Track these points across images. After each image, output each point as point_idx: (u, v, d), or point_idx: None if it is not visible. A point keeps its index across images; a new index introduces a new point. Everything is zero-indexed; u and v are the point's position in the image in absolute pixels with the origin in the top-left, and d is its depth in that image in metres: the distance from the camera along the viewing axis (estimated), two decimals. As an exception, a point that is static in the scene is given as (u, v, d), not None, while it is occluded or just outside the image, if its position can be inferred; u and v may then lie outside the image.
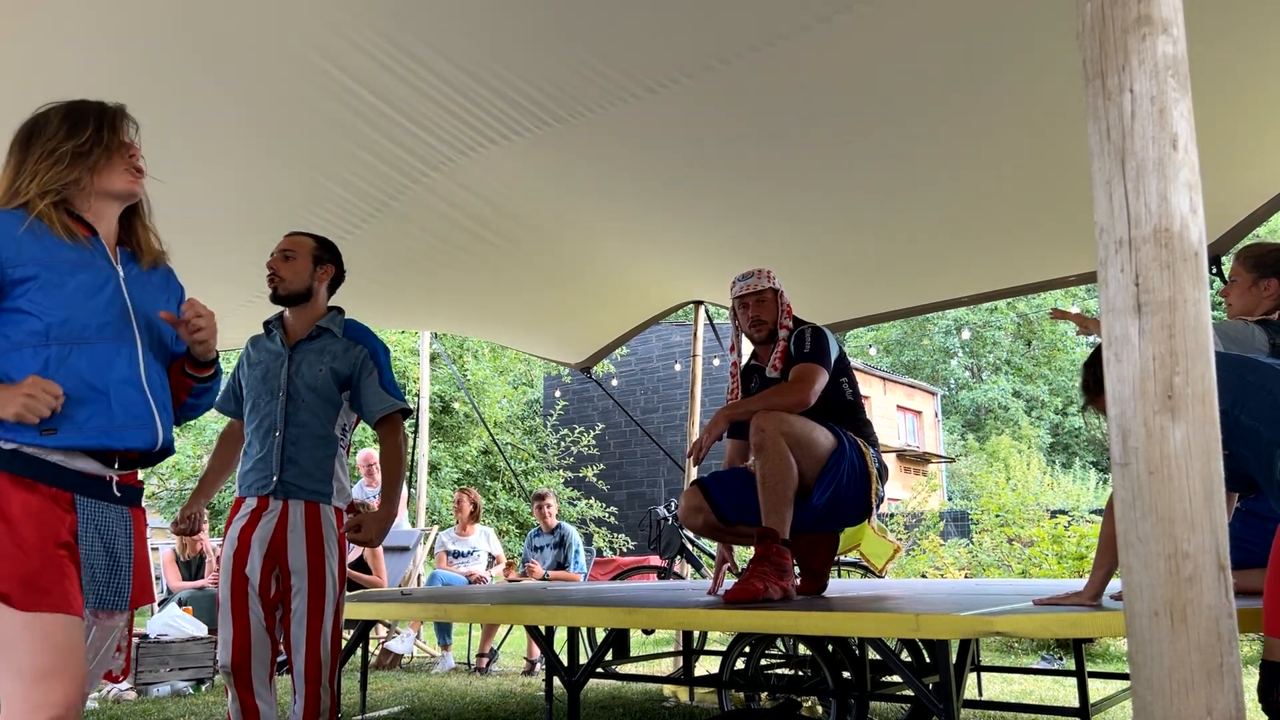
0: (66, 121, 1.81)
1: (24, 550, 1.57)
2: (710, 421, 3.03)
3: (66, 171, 1.77)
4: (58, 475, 1.66)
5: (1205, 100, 1.70)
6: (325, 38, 2.89)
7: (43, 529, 1.61)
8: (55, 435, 1.64)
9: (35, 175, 1.75)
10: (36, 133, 1.81)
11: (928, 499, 17.71)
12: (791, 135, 3.56)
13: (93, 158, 1.80)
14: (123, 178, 1.84)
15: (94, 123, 1.83)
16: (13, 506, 1.59)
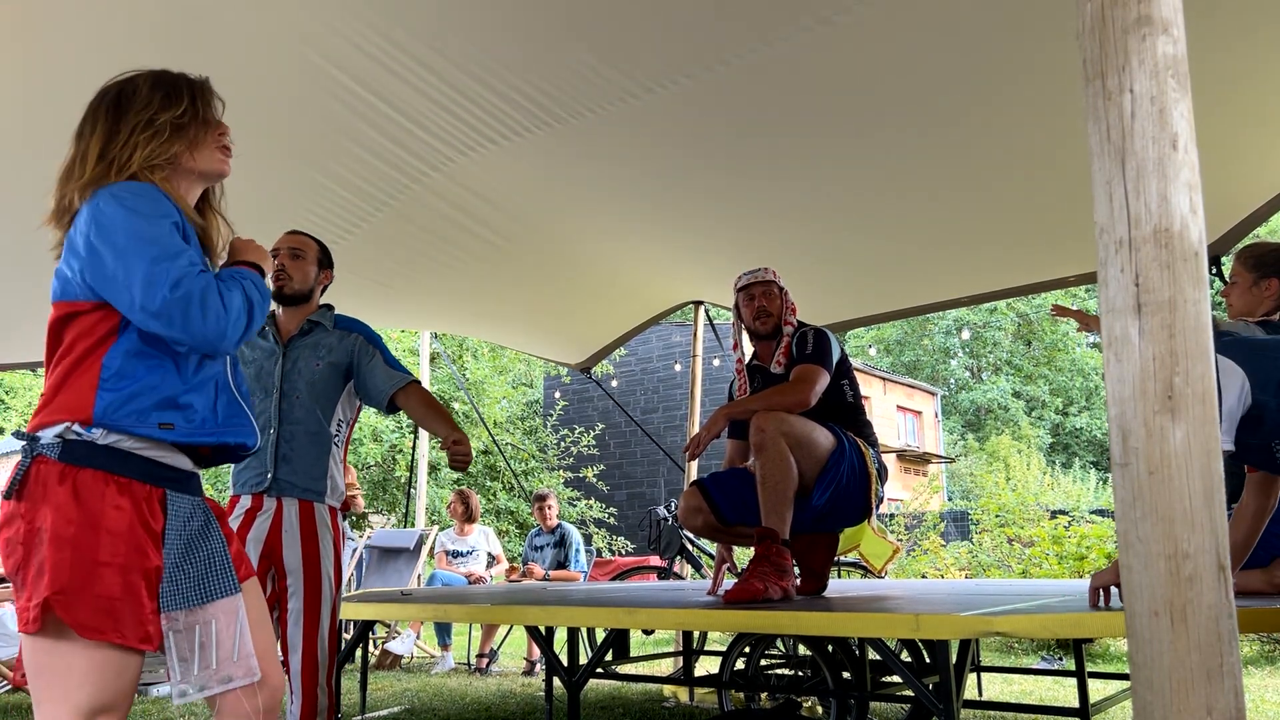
0: (158, 90, 1.65)
1: (110, 572, 1.45)
2: (709, 419, 3.03)
3: (167, 145, 1.62)
4: (154, 472, 1.54)
5: (1205, 100, 1.70)
6: (325, 37, 2.90)
7: (131, 549, 1.48)
8: (173, 430, 1.54)
9: (135, 147, 1.60)
10: (126, 100, 1.65)
11: (929, 500, 17.71)
12: (792, 135, 3.56)
13: (190, 132, 1.65)
14: (215, 156, 1.69)
15: (188, 94, 1.67)
16: (107, 516, 1.47)
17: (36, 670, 1.46)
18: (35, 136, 3.27)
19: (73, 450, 1.47)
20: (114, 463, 1.49)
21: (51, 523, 1.44)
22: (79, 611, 1.42)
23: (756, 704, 3.93)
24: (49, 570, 1.43)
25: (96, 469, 1.48)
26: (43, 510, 1.46)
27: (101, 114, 1.65)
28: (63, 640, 1.44)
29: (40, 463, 1.48)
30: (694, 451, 3.05)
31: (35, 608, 1.42)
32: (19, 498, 1.48)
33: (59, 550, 1.43)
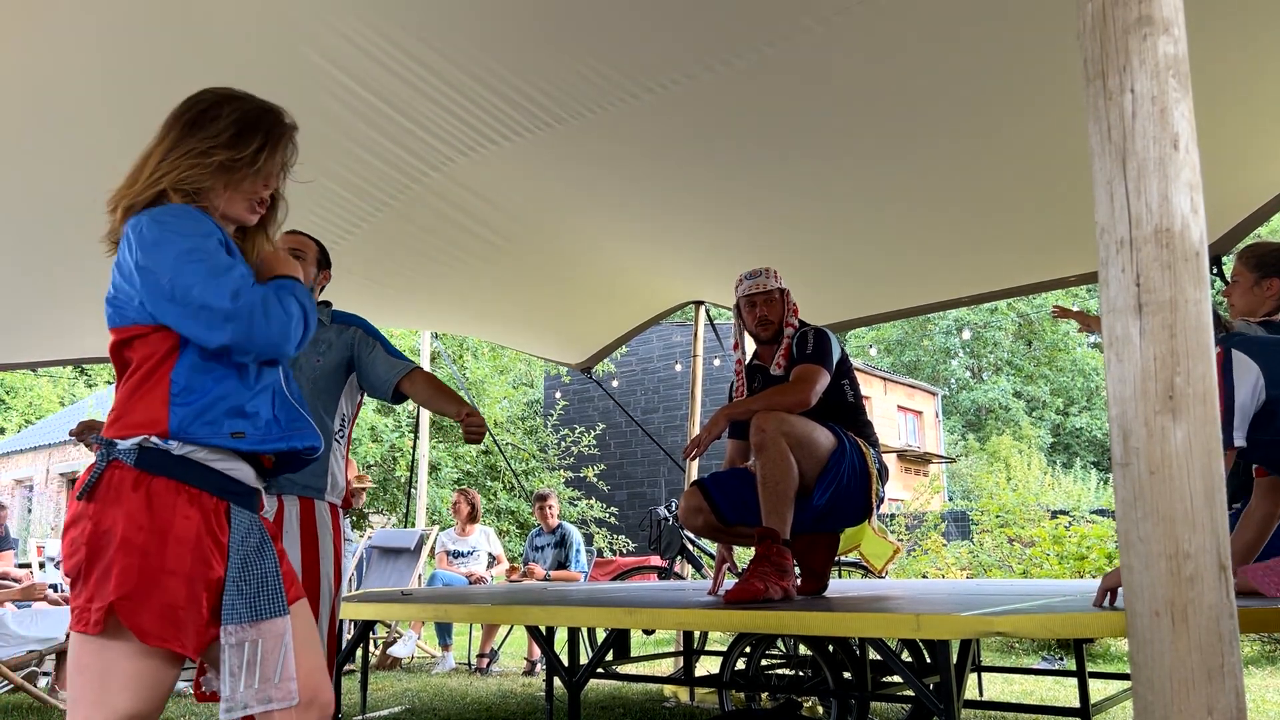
0: (236, 127, 1.67)
1: (175, 581, 1.46)
2: (710, 420, 3.03)
3: (206, 178, 1.64)
4: (222, 484, 1.56)
5: (1206, 100, 1.70)
6: (325, 37, 2.90)
7: (197, 560, 1.49)
8: (244, 439, 1.56)
9: (176, 169, 1.62)
10: (202, 123, 1.66)
11: (929, 500, 17.71)
12: (791, 135, 3.56)
13: (236, 175, 1.66)
14: (244, 205, 1.69)
15: (260, 142, 1.68)
16: (176, 524, 1.49)
17: (80, 669, 1.48)
18: (34, 138, 3.27)
19: (148, 458, 1.50)
20: (187, 473, 1.52)
21: (122, 527, 1.46)
22: (142, 618, 1.44)
23: (757, 704, 3.93)
24: (116, 574, 1.44)
25: (170, 478, 1.51)
26: (113, 513, 1.47)
27: (175, 126, 1.68)
28: (115, 643, 1.45)
29: (115, 467, 1.50)
30: (694, 452, 3.05)
31: (99, 610, 1.44)
32: (89, 499, 1.50)
33: (128, 555, 1.45)
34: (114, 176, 3.76)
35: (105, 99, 3.08)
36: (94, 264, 4.45)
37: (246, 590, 1.55)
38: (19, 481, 22.64)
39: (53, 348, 5.28)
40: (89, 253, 4.22)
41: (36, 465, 22.16)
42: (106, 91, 3.04)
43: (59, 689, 4.95)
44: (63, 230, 3.96)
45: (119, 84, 3.00)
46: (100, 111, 3.14)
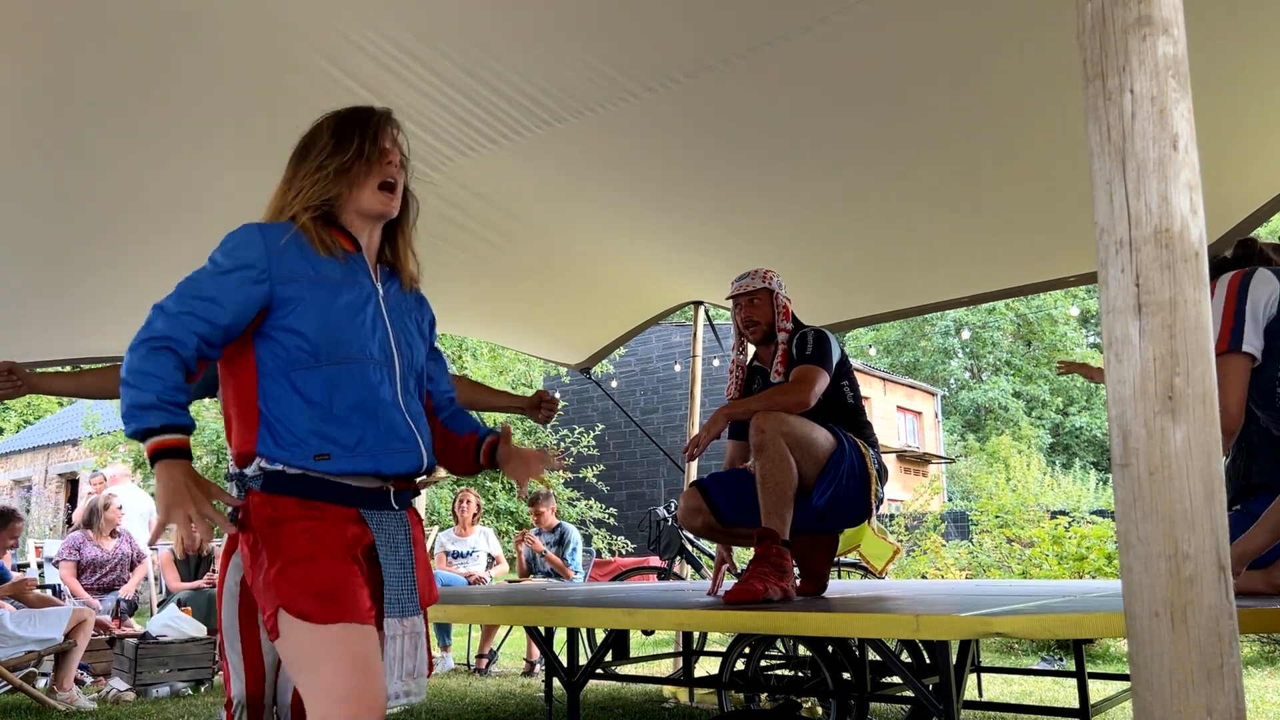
0: (334, 135, 1.77)
1: (319, 563, 1.56)
2: (710, 419, 3.02)
3: (329, 187, 1.73)
4: (342, 494, 1.64)
5: (1205, 100, 1.70)
6: (325, 37, 2.89)
7: (335, 543, 1.59)
8: (329, 461, 1.61)
9: (300, 191, 1.73)
10: (309, 147, 1.79)
11: (929, 500, 17.71)
12: (792, 135, 3.56)
13: (353, 173, 1.74)
14: (376, 197, 1.75)
15: (358, 135, 1.76)
16: (304, 524, 1.59)
17: (292, 667, 1.57)
18: (36, 138, 3.27)
19: (270, 480, 1.62)
20: (303, 488, 1.61)
21: (265, 540, 1.59)
22: (304, 603, 1.53)
23: (756, 705, 3.93)
24: (274, 584, 1.56)
25: (288, 495, 1.61)
26: (260, 532, 1.60)
27: (291, 161, 1.81)
28: (303, 633, 1.53)
29: (250, 494, 1.63)
30: (693, 452, 3.05)
31: (270, 619, 1.56)
32: (241, 527, 1.64)
33: (274, 562, 1.57)
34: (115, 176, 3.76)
35: (106, 99, 3.07)
36: (94, 264, 4.46)
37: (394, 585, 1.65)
38: (18, 482, 22.63)
39: (52, 348, 5.27)
40: (89, 253, 4.23)
41: (35, 465, 22.15)
42: (107, 92, 3.04)
43: (58, 690, 4.95)
44: (63, 230, 3.96)
45: (120, 85, 3.00)
46: (101, 112, 3.14)
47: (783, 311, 3.28)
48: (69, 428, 20.78)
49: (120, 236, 4.07)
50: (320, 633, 1.52)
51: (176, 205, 3.83)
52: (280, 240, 1.67)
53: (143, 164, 3.49)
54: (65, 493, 21.05)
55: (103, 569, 6.33)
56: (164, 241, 4.15)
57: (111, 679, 5.42)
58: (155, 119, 3.22)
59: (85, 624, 5.11)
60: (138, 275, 4.44)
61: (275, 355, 1.64)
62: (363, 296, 1.72)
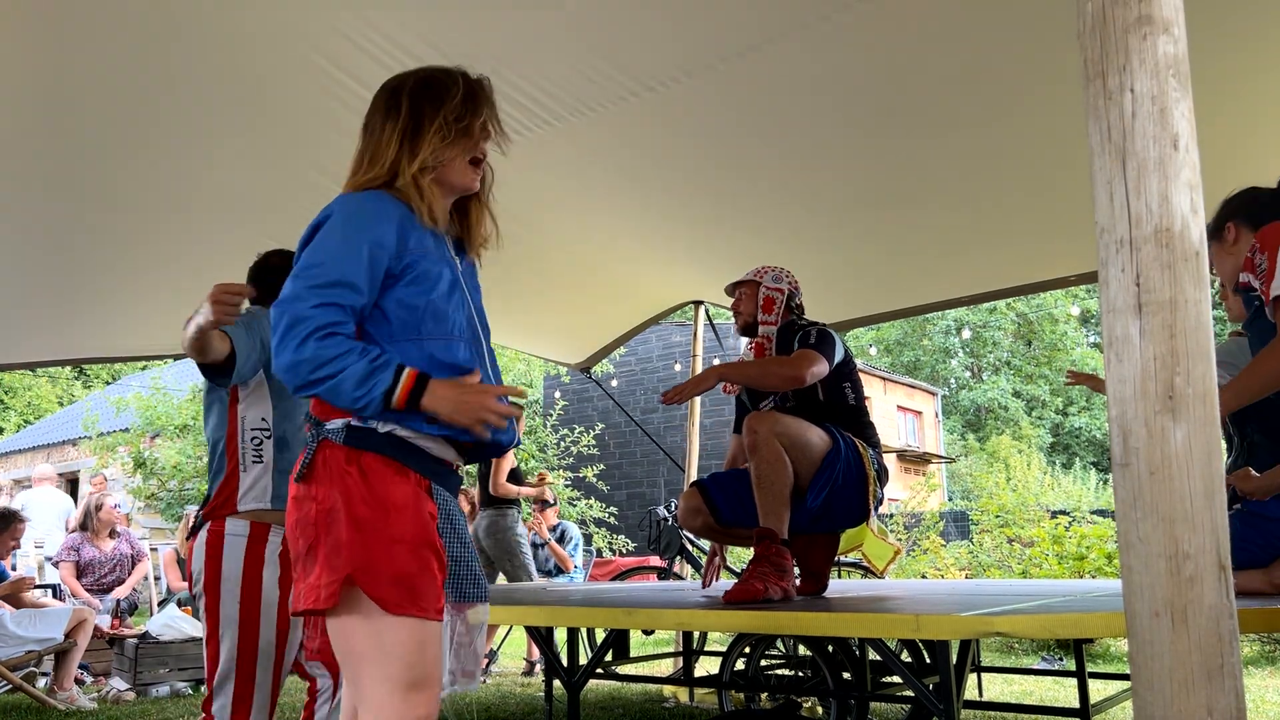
0: (468, 96, 1.65)
1: (403, 549, 1.47)
2: (700, 374, 2.94)
3: (446, 150, 1.62)
4: (425, 462, 1.56)
5: (1206, 100, 1.69)
6: (325, 37, 2.89)
7: (418, 526, 1.50)
8: (439, 423, 1.54)
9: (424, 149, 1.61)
10: (436, 96, 1.63)
11: (926, 499, 17.70)
12: (791, 134, 3.56)
13: (470, 141, 1.65)
14: (466, 170, 1.67)
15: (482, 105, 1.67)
16: (393, 494, 1.49)
17: (347, 650, 1.48)
18: (34, 138, 3.27)
19: (355, 435, 1.51)
20: (392, 449, 1.52)
21: (345, 503, 1.47)
22: (381, 588, 1.44)
23: (756, 704, 3.93)
24: (346, 549, 1.45)
25: (377, 453, 1.51)
26: (334, 491, 1.48)
27: (402, 108, 1.64)
28: (369, 617, 1.45)
29: (326, 447, 1.52)
30: (671, 397, 2.85)
31: (333, 584, 1.44)
32: (308, 481, 1.51)
33: (355, 530, 1.46)
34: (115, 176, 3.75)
35: (106, 99, 3.07)
36: (94, 264, 4.46)
37: (453, 569, 1.56)
38: (17, 482, 22.63)
39: (52, 348, 5.28)
40: (89, 253, 4.23)
41: (35, 465, 22.14)
42: (108, 91, 3.04)
43: (58, 689, 4.95)
44: (63, 230, 3.96)
45: (120, 84, 3.00)
46: (101, 111, 3.14)
47: (764, 305, 3.29)
48: (69, 428, 20.78)
49: (120, 236, 4.07)
50: (391, 621, 1.45)
51: (177, 205, 3.83)
52: (401, 211, 1.59)
53: (143, 163, 3.49)
54: (65, 493, 21.05)
55: (101, 569, 6.34)
56: (164, 241, 4.15)
57: (111, 679, 5.42)
58: (156, 118, 3.22)
59: (85, 624, 5.11)
60: (138, 275, 4.44)
61: (378, 327, 1.57)
62: (452, 271, 1.65)
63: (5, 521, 5.29)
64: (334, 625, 1.48)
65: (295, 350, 1.46)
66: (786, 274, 3.37)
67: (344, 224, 1.56)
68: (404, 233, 1.58)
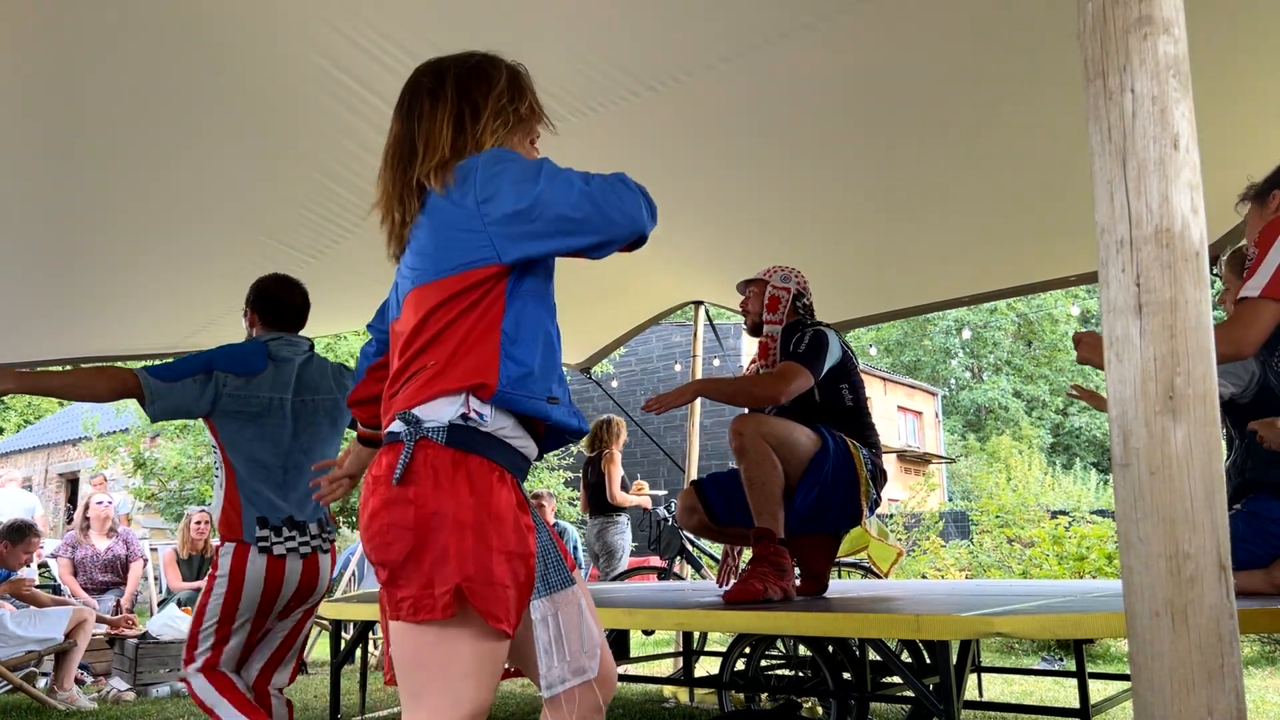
0: (511, 84, 1.64)
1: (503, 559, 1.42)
2: (680, 388, 2.92)
3: (508, 136, 1.61)
4: (516, 461, 1.51)
5: (1206, 100, 1.70)
6: (326, 37, 2.89)
7: (517, 536, 1.45)
8: (558, 405, 1.51)
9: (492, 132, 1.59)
10: (483, 83, 1.62)
11: (926, 499, 17.70)
12: (792, 134, 3.56)
13: (526, 125, 1.65)
14: (530, 153, 1.66)
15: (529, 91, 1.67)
16: (497, 503, 1.44)
17: (419, 661, 1.43)
18: (36, 137, 3.27)
19: (459, 436, 1.45)
20: (494, 450, 1.47)
21: (452, 509, 1.41)
22: (485, 599, 1.40)
23: (756, 704, 3.93)
24: (454, 557, 1.40)
25: (481, 456, 1.45)
26: (439, 495, 1.42)
27: (448, 93, 1.62)
28: (455, 629, 1.41)
29: (426, 446, 1.44)
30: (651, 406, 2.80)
31: (445, 594, 1.39)
32: (405, 482, 1.43)
33: (462, 537, 1.40)
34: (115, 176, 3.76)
35: (107, 98, 3.07)
36: (94, 264, 4.46)
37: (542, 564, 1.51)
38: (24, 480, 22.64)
39: (52, 347, 5.27)
40: (88, 252, 4.23)
41: (35, 465, 22.16)
42: (108, 91, 3.04)
43: (58, 690, 4.95)
44: (63, 230, 3.95)
45: (120, 83, 3.00)
46: (101, 110, 3.14)
47: (769, 305, 3.29)
48: (69, 428, 20.79)
49: (121, 237, 4.07)
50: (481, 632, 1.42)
51: (177, 205, 3.83)
52: None
53: (144, 164, 3.49)
54: (65, 493, 21.05)
55: (93, 568, 6.36)
56: (165, 242, 4.15)
57: (111, 679, 5.42)
58: (155, 118, 3.22)
59: (85, 624, 5.11)
60: (139, 275, 4.44)
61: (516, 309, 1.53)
62: None
63: (21, 534, 5.31)
64: (421, 634, 1.42)
65: (636, 197, 1.49)
66: (796, 274, 3.37)
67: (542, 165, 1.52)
68: None
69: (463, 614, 1.40)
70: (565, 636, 1.49)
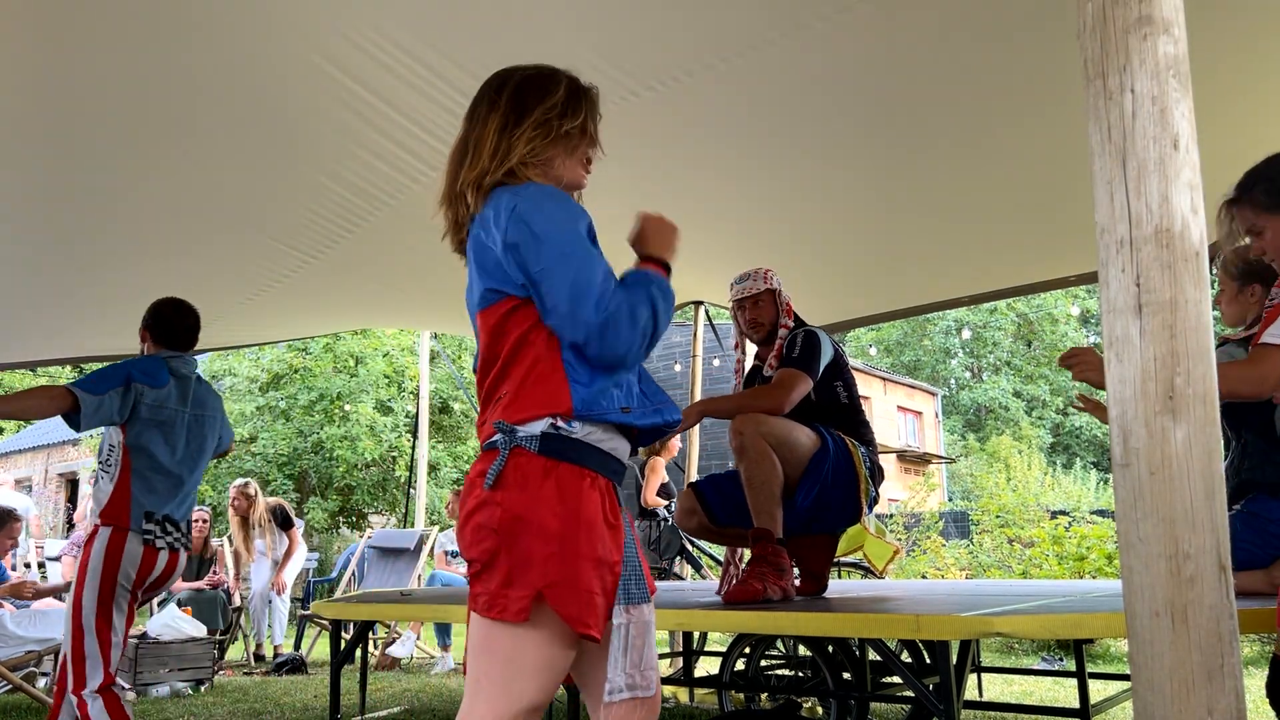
0: (570, 97, 1.66)
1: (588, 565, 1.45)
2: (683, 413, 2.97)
3: (546, 148, 1.63)
4: (609, 464, 1.53)
5: (1206, 100, 1.69)
6: (326, 38, 2.89)
7: (602, 542, 1.47)
8: (631, 413, 1.54)
9: (523, 141, 1.61)
10: (538, 93, 1.65)
11: (926, 499, 17.70)
12: (791, 134, 3.56)
13: (573, 142, 1.67)
14: (579, 169, 1.70)
15: (585, 107, 1.69)
16: (585, 509, 1.47)
17: (489, 657, 1.47)
18: (36, 136, 3.27)
19: (551, 444, 1.49)
20: (586, 457, 1.50)
21: (539, 515, 1.44)
22: (569, 604, 1.42)
23: (756, 704, 3.93)
24: (539, 562, 1.43)
25: (572, 463, 1.49)
26: (525, 501, 1.45)
27: (503, 100, 1.65)
28: (528, 630, 1.44)
29: (519, 454, 1.48)
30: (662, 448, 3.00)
31: (523, 598, 1.42)
32: (497, 487, 1.48)
33: (548, 543, 1.44)
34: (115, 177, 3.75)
35: (107, 98, 3.07)
36: (94, 264, 4.45)
37: (626, 572, 1.53)
38: (18, 482, 22.63)
39: (51, 347, 5.28)
40: (88, 252, 4.23)
41: (35, 465, 22.16)
42: (108, 90, 3.04)
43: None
44: (62, 230, 3.95)
45: (121, 83, 3.00)
46: (102, 110, 3.14)
47: (785, 309, 3.30)
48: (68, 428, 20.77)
49: (121, 236, 4.07)
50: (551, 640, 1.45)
51: (177, 205, 3.83)
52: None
53: (144, 164, 3.50)
54: (65, 493, 21.05)
55: None
56: (165, 241, 4.15)
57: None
58: (157, 119, 3.22)
59: (85, 624, 5.11)
60: (139, 275, 4.44)
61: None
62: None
63: (2, 521, 5.29)
64: (496, 632, 1.46)
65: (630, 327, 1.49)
66: (775, 272, 3.38)
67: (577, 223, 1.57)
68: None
69: (538, 618, 1.43)
70: (632, 649, 1.52)
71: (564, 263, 1.49)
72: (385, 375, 14.26)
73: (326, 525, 13.94)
